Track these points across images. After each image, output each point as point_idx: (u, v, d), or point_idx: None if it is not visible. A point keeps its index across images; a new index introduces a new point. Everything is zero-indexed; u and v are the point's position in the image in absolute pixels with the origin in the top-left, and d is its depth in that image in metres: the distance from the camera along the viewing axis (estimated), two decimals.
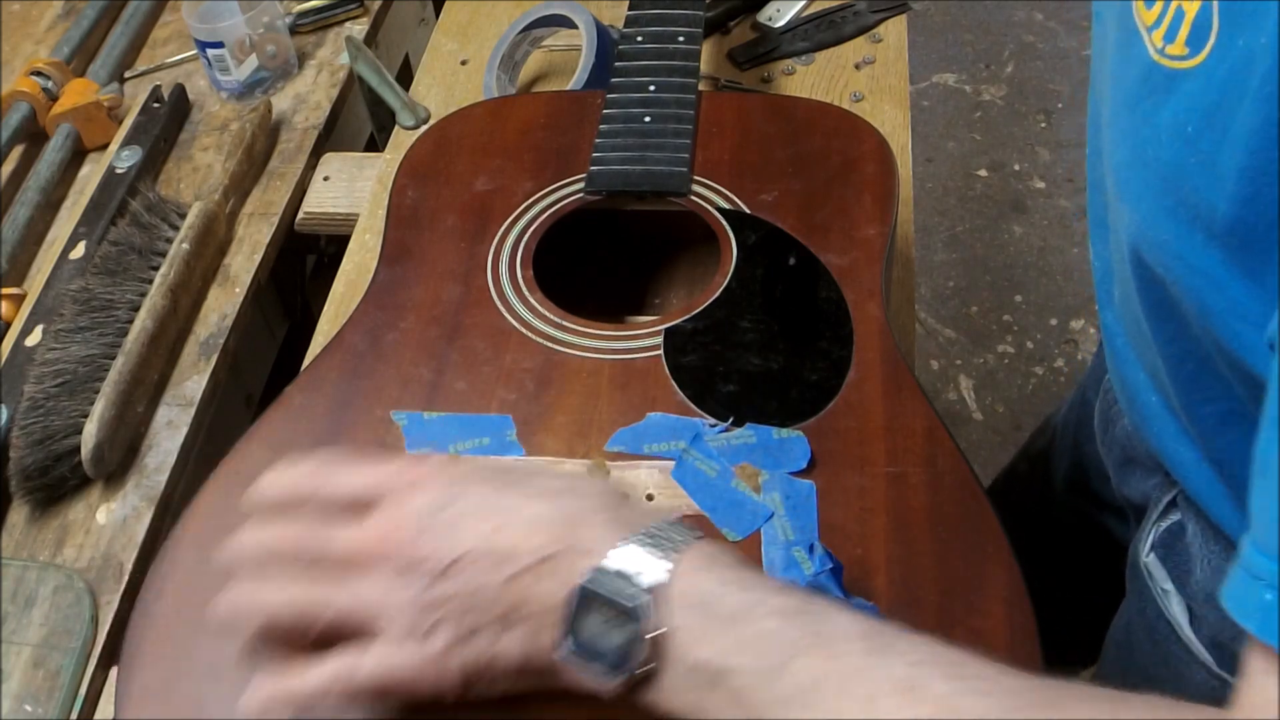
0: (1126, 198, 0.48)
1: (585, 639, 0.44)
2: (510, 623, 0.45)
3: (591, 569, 0.44)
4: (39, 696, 0.65)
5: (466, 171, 0.77)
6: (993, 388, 1.87)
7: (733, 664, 0.42)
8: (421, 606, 0.45)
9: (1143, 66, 0.46)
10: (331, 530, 0.48)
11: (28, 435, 0.73)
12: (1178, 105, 0.43)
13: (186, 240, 0.84)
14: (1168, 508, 0.63)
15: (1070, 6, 2.41)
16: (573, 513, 0.46)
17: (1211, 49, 0.42)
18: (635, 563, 0.44)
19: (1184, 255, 0.44)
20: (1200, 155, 0.42)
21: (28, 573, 0.70)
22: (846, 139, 0.76)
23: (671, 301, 0.81)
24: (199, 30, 0.96)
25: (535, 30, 0.96)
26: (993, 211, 2.09)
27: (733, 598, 0.43)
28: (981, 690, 0.40)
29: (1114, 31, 0.51)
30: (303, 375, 0.67)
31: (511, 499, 0.47)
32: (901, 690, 0.39)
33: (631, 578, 0.43)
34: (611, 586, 0.43)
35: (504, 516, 0.46)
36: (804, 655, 0.41)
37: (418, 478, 0.48)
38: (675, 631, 0.43)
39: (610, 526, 0.45)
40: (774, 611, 0.43)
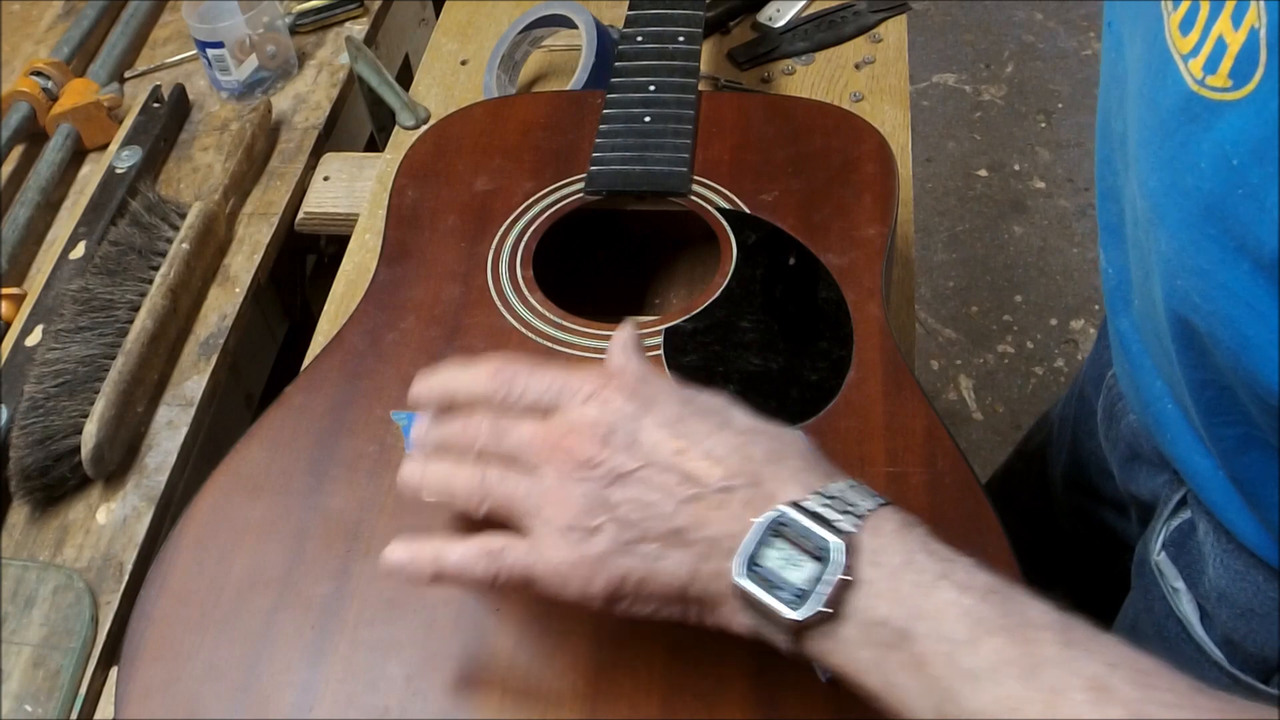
0: (1164, 224, 0.47)
1: (765, 571, 0.43)
2: (676, 544, 0.44)
3: (779, 508, 0.43)
4: (39, 696, 0.65)
5: (466, 171, 0.77)
6: (993, 388, 1.87)
7: (919, 629, 0.41)
8: (588, 507, 0.44)
9: (1180, 95, 0.45)
10: (509, 424, 0.47)
11: (28, 435, 0.73)
12: (1221, 137, 0.43)
13: (186, 240, 0.84)
14: (1178, 506, 0.63)
15: (1070, 6, 2.41)
16: (765, 452, 0.45)
17: (1260, 82, 0.41)
18: (825, 512, 0.43)
19: (1226, 284, 0.43)
20: (1248, 188, 0.41)
21: (28, 573, 0.70)
22: (846, 139, 0.76)
23: (671, 301, 0.81)
24: (199, 30, 0.96)
25: (535, 30, 0.96)
26: (993, 211, 2.09)
27: (924, 563, 0.42)
28: (1171, 703, 0.38)
29: (1140, 51, 0.50)
30: (303, 375, 0.67)
31: (702, 425, 0.45)
32: (1092, 688, 0.38)
33: (822, 523, 0.43)
34: (800, 527, 0.42)
35: (691, 440, 0.45)
36: (995, 635, 0.40)
37: (606, 389, 0.47)
38: (861, 584, 0.42)
39: (802, 475, 0.45)
40: (966, 585, 0.42)
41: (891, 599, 0.42)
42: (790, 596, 0.42)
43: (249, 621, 0.57)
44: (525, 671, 0.54)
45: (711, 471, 0.44)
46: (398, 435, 0.63)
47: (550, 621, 0.55)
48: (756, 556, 0.43)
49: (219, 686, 0.55)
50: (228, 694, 0.54)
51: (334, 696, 0.54)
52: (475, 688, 0.54)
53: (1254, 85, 0.41)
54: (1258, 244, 0.41)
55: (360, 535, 0.59)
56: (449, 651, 0.55)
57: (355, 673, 0.55)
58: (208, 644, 0.56)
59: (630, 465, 0.44)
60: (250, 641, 0.56)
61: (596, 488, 0.45)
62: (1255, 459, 0.51)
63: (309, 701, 0.54)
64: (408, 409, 0.61)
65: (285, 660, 0.55)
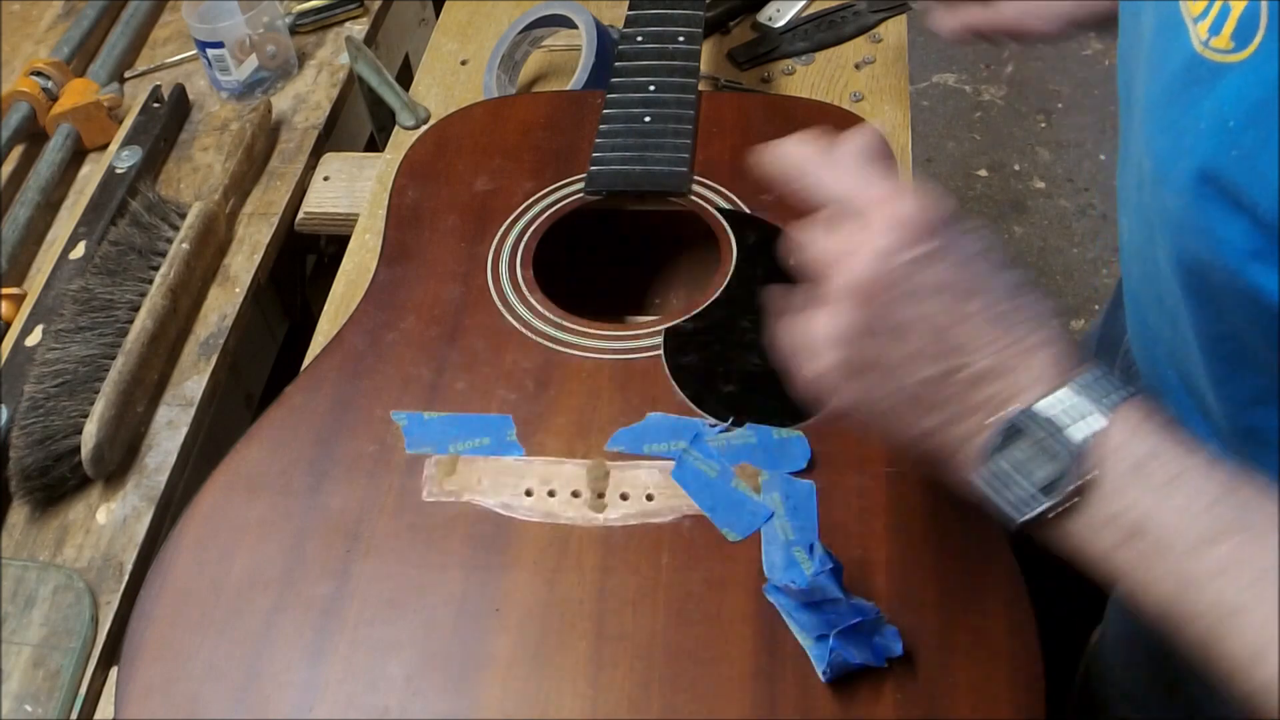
0: (1168, 184, 0.47)
1: (1002, 467, 0.44)
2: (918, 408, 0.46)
3: (1030, 399, 0.44)
4: (39, 696, 0.65)
5: (466, 171, 0.77)
6: None
7: (1156, 524, 0.41)
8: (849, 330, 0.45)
9: (1185, 57, 0.45)
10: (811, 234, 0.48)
11: (28, 435, 0.73)
12: (1220, 98, 0.43)
13: (186, 240, 0.84)
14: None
15: None
16: (1024, 344, 0.45)
17: (1260, 44, 0.41)
18: (1074, 405, 0.43)
19: (1228, 239, 0.43)
20: (1242, 150, 0.42)
21: (28, 573, 0.70)
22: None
23: (671, 301, 0.81)
24: (199, 30, 0.96)
25: (535, 30, 0.95)
26: (993, 211, 2.09)
27: (1166, 459, 0.43)
28: None
29: (1153, 19, 0.51)
30: (303, 375, 0.67)
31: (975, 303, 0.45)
32: None
33: (1069, 417, 0.43)
34: (1046, 422, 0.43)
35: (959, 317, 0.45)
36: (1236, 535, 0.40)
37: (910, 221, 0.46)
38: (1104, 478, 0.43)
39: (1052, 370, 0.45)
40: (1210, 483, 0.42)
41: (1132, 494, 0.42)
42: (1025, 495, 0.43)
43: (249, 621, 0.57)
44: (525, 671, 0.54)
45: (976, 352, 0.45)
46: (398, 435, 0.63)
47: (550, 621, 0.55)
48: (995, 452, 0.44)
49: (219, 686, 0.55)
50: (228, 694, 0.54)
51: (334, 696, 0.54)
52: (475, 688, 0.54)
53: (1254, 47, 0.41)
54: (1254, 204, 0.41)
55: (360, 535, 0.59)
56: (449, 651, 0.55)
57: (355, 673, 0.55)
58: (208, 644, 0.56)
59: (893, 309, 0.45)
60: (250, 641, 0.56)
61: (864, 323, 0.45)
62: (1271, 412, 0.51)
63: (309, 701, 0.54)
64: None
65: (285, 660, 0.55)
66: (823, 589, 0.53)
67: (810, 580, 0.54)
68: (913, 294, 0.45)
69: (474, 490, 0.61)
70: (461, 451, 0.62)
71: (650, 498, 0.60)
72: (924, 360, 0.45)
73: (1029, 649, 0.54)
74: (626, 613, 0.56)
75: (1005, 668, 0.53)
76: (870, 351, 0.45)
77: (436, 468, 0.62)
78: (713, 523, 0.59)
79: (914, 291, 0.45)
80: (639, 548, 0.58)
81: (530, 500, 0.60)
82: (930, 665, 0.53)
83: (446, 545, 0.59)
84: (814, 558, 0.55)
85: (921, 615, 0.54)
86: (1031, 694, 0.52)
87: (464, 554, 0.58)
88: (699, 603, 0.56)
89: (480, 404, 0.64)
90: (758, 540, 0.58)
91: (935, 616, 0.54)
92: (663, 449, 0.62)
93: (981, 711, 0.52)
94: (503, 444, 0.63)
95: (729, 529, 0.58)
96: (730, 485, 0.60)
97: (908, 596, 0.55)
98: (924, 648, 0.53)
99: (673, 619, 0.55)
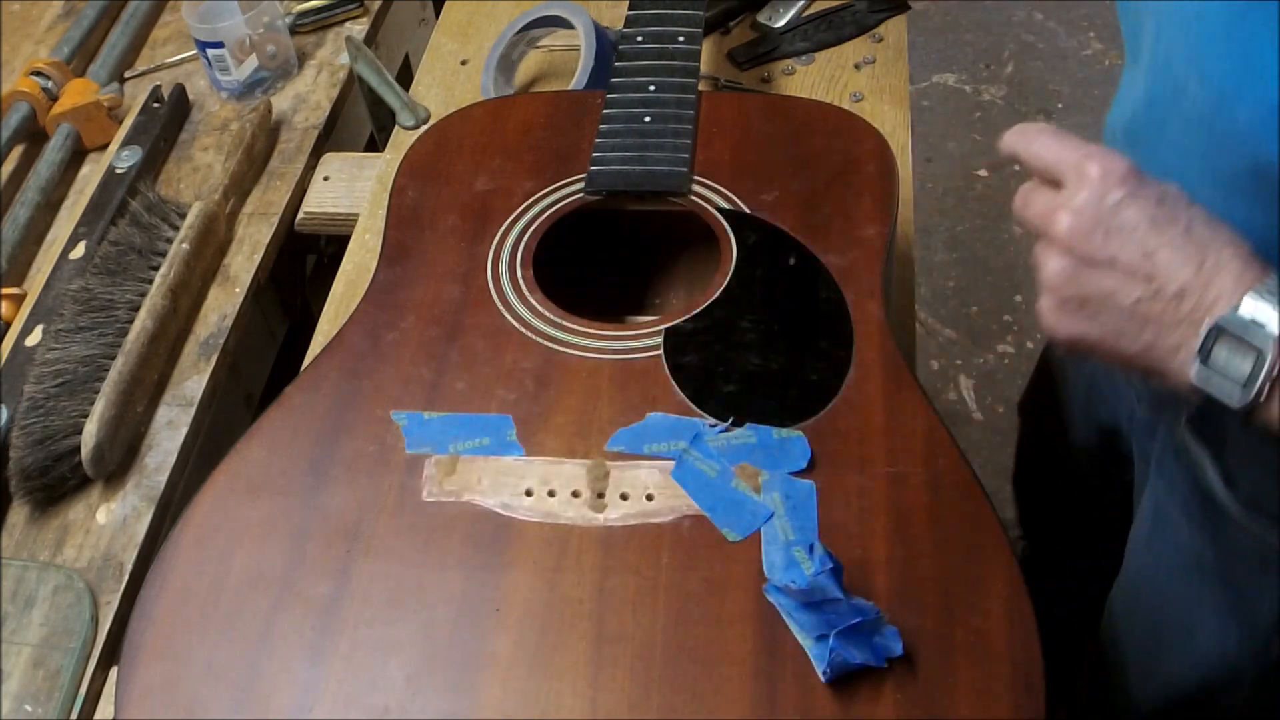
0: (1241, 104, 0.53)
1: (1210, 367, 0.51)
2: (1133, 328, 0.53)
3: (1227, 304, 0.51)
4: (39, 696, 0.65)
5: (466, 171, 0.77)
6: (993, 388, 1.87)
7: None
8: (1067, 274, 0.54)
9: None
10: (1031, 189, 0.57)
11: (28, 435, 0.73)
12: None
13: (186, 240, 0.84)
14: None
15: (1070, 6, 2.41)
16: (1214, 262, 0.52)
17: None
18: (1264, 312, 0.50)
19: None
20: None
21: (28, 573, 0.70)
22: (846, 139, 0.76)
23: (671, 301, 0.81)
24: (199, 30, 0.96)
25: (532, 31, 0.95)
26: (993, 211, 2.09)
27: None
28: None
29: None
30: (303, 375, 0.67)
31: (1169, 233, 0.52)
32: None
33: (1262, 316, 0.50)
34: (1242, 327, 0.50)
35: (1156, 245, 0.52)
36: None
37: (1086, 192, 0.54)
38: None
39: (1243, 278, 0.51)
40: None
41: None
42: (1234, 386, 0.51)
43: (249, 621, 0.57)
44: (525, 671, 0.54)
45: (1167, 276, 0.52)
46: (398, 435, 0.63)
47: (550, 621, 0.55)
48: (1204, 356, 0.51)
49: (219, 686, 0.55)
50: (228, 694, 0.54)
51: (334, 696, 0.54)
52: (475, 688, 0.54)
53: None
54: None
55: (360, 535, 0.59)
56: (449, 651, 0.55)
57: (355, 673, 0.55)
58: (208, 644, 0.56)
59: (1100, 252, 0.53)
60: (250, 641, 0.56)
61: (1074, 263, 0.54)
62: None
63: (309, 701, 0.54)
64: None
65: (285, 660, 0.55)
66: (823, 589, 0.53)
67: (810, 580, 0.54)
68: (1119, 229, 0.52)
69: (474, 490, 0.61)
70: (461, 451, 0.62)
71: (650, 498, 0.60)
72: (1135, 283, 0.52)
73: (1029, 649, 0.54)
74: (626, 613, 0.56)
75: (1005, 668, 0.53)
76: (1089, 284, 0.53)
77: (436, 468, 0.62)
78: (713, 523, 0.59)
79: (1120, 227, 0.52)
80: (639, 548, 0.58)
81: (530, 500, 0.60)
82: (930, 665, 0.53)
83: (446, 545, 0.59)
84: (814, 558, 0.55)
85: (921, 615, 0.54)
86: (1031, 694, 0.52)
87: (464, 554, 0.58)
88: (699, 603, 0.56)
89: (480, 404, 0.64)
90: (758, 540, 0.58)
91: (935, 616, 0.54)
92: (663, 449, 0.62)
93: (981, 711, 0.52)
94: (503, 444, 0.63)
95: (729, 529, 0.58)
96: (730, 485, 0.60)
97: (908, 596, 0.55)
98: (924, 648, 0.53)
99: (673, 619, 0.55)
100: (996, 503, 0.59)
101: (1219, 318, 0.50)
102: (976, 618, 0.54)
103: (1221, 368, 0.51)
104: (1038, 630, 0.54)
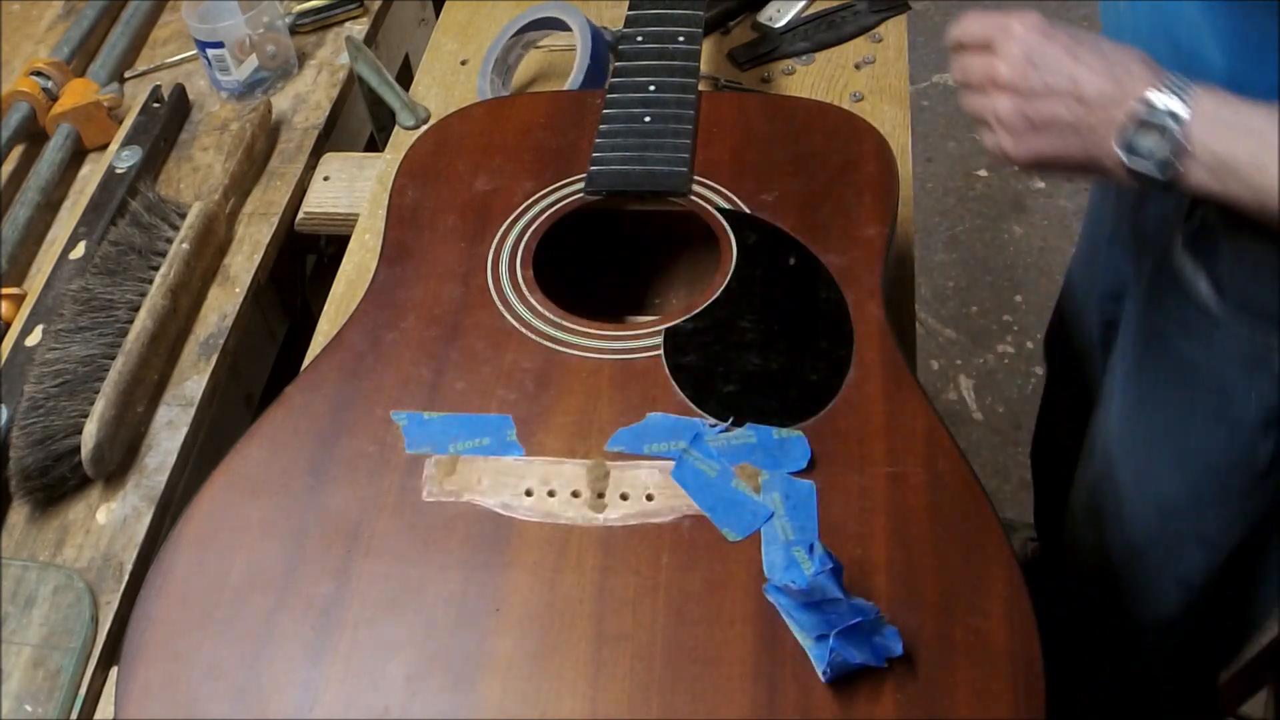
0: None
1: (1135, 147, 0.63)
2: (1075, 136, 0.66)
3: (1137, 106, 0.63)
4: (39, 696, 0.65)
5: (466, 171, 0.77)
6: (993, 388, 1.87)
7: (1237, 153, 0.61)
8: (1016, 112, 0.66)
9: None
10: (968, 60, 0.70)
11: (28, 435, 0.73)
12: None
13: (186, 240, 0.84)
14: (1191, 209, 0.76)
15: (1070, 7, 2.41)
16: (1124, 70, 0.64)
17: None
18: (1170, 100, 0.62)
19: None
20: None
21: (28, 573, 0.70)
22: (846, 139, 0.76)
23: (671, 301, 0.81)
24: (199, 30, 0.96)
25: (528, 34, 0.95)
26: (993, 211, 2.09)
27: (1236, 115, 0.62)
28: None
29: None
30: (303, 375, 0.67)
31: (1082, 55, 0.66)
32: None
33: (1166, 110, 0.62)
34: (1153, 116, 0.63)
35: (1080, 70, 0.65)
36: None
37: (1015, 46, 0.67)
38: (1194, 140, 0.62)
39: (1147, 78, 0.64)
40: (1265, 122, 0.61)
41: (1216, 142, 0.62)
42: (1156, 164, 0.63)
43: (249, 621, 0.57)
44: (525, 671, 0.54)
45: (1093, 89, 0.65)
46: (398, 435, 0.63)
47: (550, 621, 0.55)
48: (1129, 140, 0.63)
49: (219, 686, 0.55)
50: (228, 694, 0.54)
51: (334, 696, 0.54)
52: (475, 688, 0.54)
53: None
54: None
55: (360, 535, 0.59)
56: (449, 651, 0.55)
57: (355, 673, 0.55)
58: (208, 644, 0.56)
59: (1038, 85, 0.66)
60: (250, 641, 0.56)
61: (1019, 100, 0.66)
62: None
63: (309, 701, 0.54)
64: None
65: (285, 660, 0.55)
66: (823, 589, 0.53)
67: (810, 580, 0.54)
68: (1046, 65, 0.66)
69: (474, 490, 0.61)
70: (461, 451, 0.62)
71: (650, 498, 0.60)
72: (1069, 102, 0.65)
73: (1029, 649, 0.54)
74: (626, 613, 0.56)
75: (1005, 668, 0.53)
76: (1035, 111, 0.66)
77: (436, 468, 0.62)
78: (713, 523, 0.59)
79: (1046, 64, 0.66)
80: (639, 548, 0.58)
81: (530, 500, 0.60)
82: (930, 665, 0.53)
83: (446, 545, 0.59)
84: (814, 558, 0.55)
85: (921, 615, 0.54)
86: (1031, 694, 0.52)
87: (464, 554, 0.58)
88: (699, 603, 0.56)
89: (480, 404, 0.64)
90: (758, 540, 0.58)
91: (935, 616, 0.54)
92: (663, 449, 0.62)
93: (981, 711, 0.52)
94: (503, 444, 0.63)
95: (729, 529, 0.58)
96: (730, 485, 0.60)
97: (908, 596, 0.55)
98: (924, 648, 0.53)
99: (673, 619, 0.55)
100: (996, 503, 0.59)
101: (1135, 113, 0.63)
102: (976, 618, 0.54)
103: (1144, 151, 0.63)
104: (1038, 630, 0.54)
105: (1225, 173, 0.62)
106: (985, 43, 0.69)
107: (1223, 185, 0.63)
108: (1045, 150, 0.67)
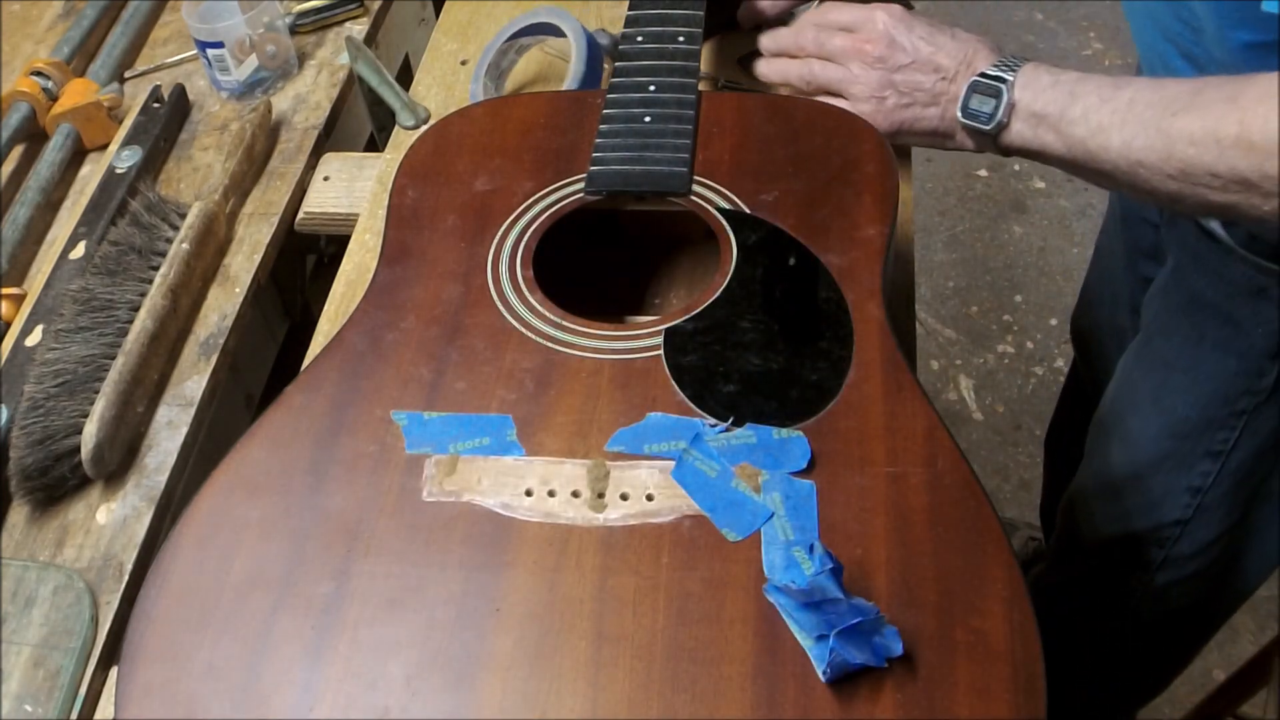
0: None
1: (972, 110, 0.77)
2: (931, 104, 0.79)
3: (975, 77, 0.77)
4: (39, 696, 0.65)
5: (466, 171, 0.77)
6: (993, 388, 1.87)
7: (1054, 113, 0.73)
8: (883, 83, 0.80)
9: None
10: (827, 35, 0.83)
11: (28, 435, 0.73)
12: None
13: (186, 240, 0.84)
14: None
15: (1070, 6, 2.41)
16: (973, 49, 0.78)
17: None
18: (1001, 71, 0.76)
19: None
20: None
21: (28, 573, 0.70)
22: (846, 139, 0.76)
23: (671, 301, 0.81)
24: (199, 30, 0.96)
25: (521, 39, 0.95)
26: (993, 211, 2.10)
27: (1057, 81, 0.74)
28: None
29: None
30: (303, 375, 0.67)
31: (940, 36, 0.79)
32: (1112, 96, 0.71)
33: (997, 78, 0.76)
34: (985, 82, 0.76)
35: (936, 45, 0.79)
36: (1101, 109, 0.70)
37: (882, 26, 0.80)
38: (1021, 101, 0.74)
39: (989, 56, 0.77)
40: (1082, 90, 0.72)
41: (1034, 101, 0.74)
42: (988, 116, 0.76)
43: (249, 621, 0.57)
44: (525, 671, 0.54)
45: (948, 63, 0.78)
46: (398, 435, 0.63)
47: (550, 621, 0.55)
48: (967, 103, 0.77)
49: (219, 686, 0.55)
50: (228, 694, 0.55)
51: (334, 696, 0.54)
52: (475, 688, 0.54)
53: None
54: None
55: (360, 535, 0.59)
56: (449, 651, 0.55)
57: (355, 673, 0.55)
58: (208, 644, 0.56)
59: (904, 60, 0.79)
60: (250, 641, 0.56)
61: (886, 73, 0.80)
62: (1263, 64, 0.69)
63: (309, 701, 0.54)
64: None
65: (285, 660, 0.55)
66: (823, 589, 0.53)
67: (810, 580, 0.54)
68: (909, 43, 0.79)
69: (474, 490, 0.61)
70: (461, 451, 0.62)
71: (650, 498, 0.60)
72: (929, 73, 0.78)
73: (1029, 649, 0.54)
74: (626, 613, 0.56)
75: (1005, 668, 0.53)
76: (901, 82, 0.79)
77: (436, 468, 0.62)
78: (713, 523, 0.59)
79: (910, 42, 0.79)
80: (639, 548, 0.58)
81: (530, 500, 0.60)
82: (930, 665, 0.53)
83: (446, 545, 0.59)
84: (814, 558, 0.55)
85: (921, 615, 0.54)
86: (1031, 694, 0.52)
87: (464, 554, 0.58)
88: (699, 603, 0.56)
89: (480, 404, 0.64)
90: (758, 540, 0.58)
91: (935, 616, 0.54)
92: (663, 449, 0.62)
93: (981, 711, 0.52)
94: (503, 444, 0.63)
95: (729, 529, 0.58)
96: (730, 485, 0.60)
97: (908, 596, 0.55)
98: (924, 648, 0.53)
99: (672, 619, 0.55)
100: (996, 503, 0.59)
101: (973, 82, 0.76)
102: (976, 618, 0.54)
103: (974, 110, 0.76)
104: (1038, 630, 0.54)
105: (1038, 123, 0.74)
106: (848, 27, 0.81)
107: (1037, 136, 0.74)
108: (907, 119, 0.80)
